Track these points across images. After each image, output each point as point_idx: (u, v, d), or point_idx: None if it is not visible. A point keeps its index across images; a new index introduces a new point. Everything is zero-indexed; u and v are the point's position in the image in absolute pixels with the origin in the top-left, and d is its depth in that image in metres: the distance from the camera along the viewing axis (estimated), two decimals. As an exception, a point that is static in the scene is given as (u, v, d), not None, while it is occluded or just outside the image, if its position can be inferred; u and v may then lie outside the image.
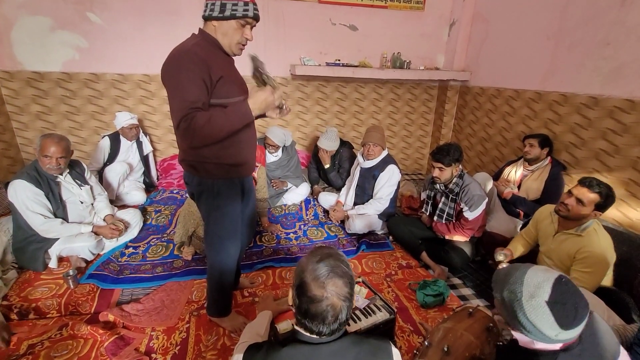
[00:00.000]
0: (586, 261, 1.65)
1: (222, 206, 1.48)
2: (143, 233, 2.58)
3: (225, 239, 1.54)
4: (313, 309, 0.86)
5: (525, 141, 2.61)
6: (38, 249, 2.07)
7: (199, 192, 1.48)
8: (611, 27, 2.31)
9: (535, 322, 0.89)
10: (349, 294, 0.89)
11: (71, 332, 1.64)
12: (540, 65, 2.88)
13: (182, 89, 1.22)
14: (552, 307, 0.87)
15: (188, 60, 1.22)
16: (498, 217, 2.60)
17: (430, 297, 1.95)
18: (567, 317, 0.87)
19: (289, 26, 3.52)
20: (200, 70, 1.23)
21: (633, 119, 2.20)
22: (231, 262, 1.61)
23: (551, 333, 0.88)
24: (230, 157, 1.42)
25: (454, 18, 3.82)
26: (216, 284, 1.64)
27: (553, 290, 0.89)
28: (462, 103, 3.99)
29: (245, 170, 1.54)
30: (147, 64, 3.33)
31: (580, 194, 1.68)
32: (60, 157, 2.04)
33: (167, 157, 3.70)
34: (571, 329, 0.87)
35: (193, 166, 1.43)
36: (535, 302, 0.89)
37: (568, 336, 0.89)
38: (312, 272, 0.88)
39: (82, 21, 3.07)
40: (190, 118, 1.22)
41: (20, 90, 3.15)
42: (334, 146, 3.19)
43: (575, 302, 0.88)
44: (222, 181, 1.45)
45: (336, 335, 0.91)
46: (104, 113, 3.41)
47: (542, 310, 0.88)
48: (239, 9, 1.27)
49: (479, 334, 1.30)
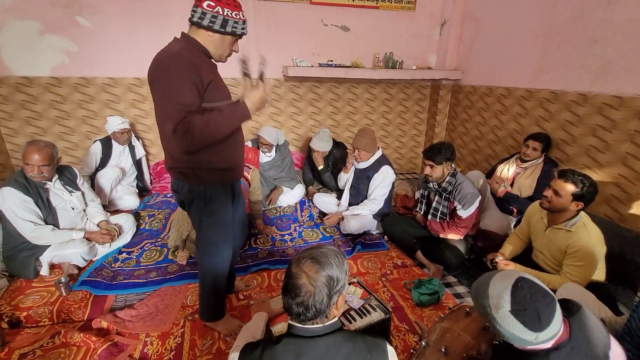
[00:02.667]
0: (577, 255, 1.67)
1: (215, 212, 1.47)
2: (137, 238, 2.56)
3: (218, 244, 1.53)
4: (288, 284, 0.92)
5: (528, 142, 2.57)
6: (29, 257, 2.04)
7: (190, 199, 1.46)
8: (598, 24, 2.34)
9: (510, 330, 0.90)
10: (324, 285, 0.90)
11: (64, 340, 1.62)
12: (531, 64, 2.91)
13: (175, 93, 1.21)
14: (516, 315, 0.88)
15: (178, 64, 1.22)
16: (492, 214, 2.62)
17: (425, 295, 1.95)
18: (532, 322, 0.87)
19: (281, 27, 3.52)
20: (191, 73, 1.23)
21: (621, 115, 2.23)
22: (224, 266, 1.60)
23: (529, 337, 0.88)
24: (221, 161, 1.41)
25: (445, 17, 3.85)
26: (210, 289, 1.63)
27: (512, 299, 0.90)
28: (454, 102, 4.01)
29: (236, 174, 1.54)
30: (138, 67, 3.30)
31: (556, 186, 1.70)
32: (43, 164, 1.97)
33: (160, 160, 3.67)
34: (545, 329, 0.87)
35: (183, 173, 1.40)
36: (501, 313, 0.90)
37: (548, 336, 0.88)
38: (299, 254, 0.96)
39: (71, 25, 3.04)
40: (187, 122, 1.22)
41: (9, 96, 3.10)
42: (327, 147, 3.19)
43: (534, 306, 0.88)
44: (214, 186, 1.44)
45: (327, 329, 0.92)
46: (95, 117, 3.38)
47: (510, 320, 0.89)
48: (238, 27, 1.35)
49: (476, 334, 1.30)
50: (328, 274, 0.91)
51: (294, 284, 0.91)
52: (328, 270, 0.91)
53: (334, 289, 0.92)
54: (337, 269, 0.93)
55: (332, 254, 0.95)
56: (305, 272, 0.91)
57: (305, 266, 0.92)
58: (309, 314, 0.90)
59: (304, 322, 0.92)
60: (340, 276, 0.94)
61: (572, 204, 1.69)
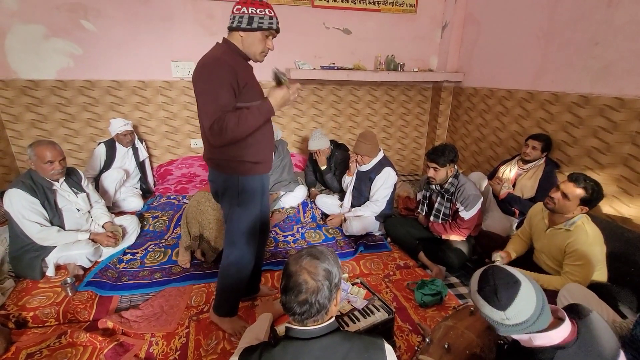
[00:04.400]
0: (576, 254, 1.68)
1: (245, 202, 1.55)
2: (141, 239, 2.57)
3: (245, 235, 1.60)
4: (288, 283, 0.93)
5: (528, 142, 2.59)
6: (35, 258, 2.06)
7: (224, 189, 1.56)
8: (599, 26, 2.36)
9: (482, 310, 0.97)
10: (324, 278, 0.92)
11: (70, 340, 1.64)
12: (532, 65, 2.93)
13: (215, 94, 1.34)
14: (480, 292, 0.98)
15: (219, 68, 1.34)
16: (494, 216, 2.62)
17: (428, 296, 1.96)
18: (490, 298, 0.95)
19: (283, 30, 3.46)
20: (229, 76, 1.35)
21: (623, 117, 2.24)
22: (248, 259, 1.65)
23: (497, 317, 0.94)
24: (251, 155, 1.50)
25: (446, 20, 3.87)
26: (231, 282, 1.67)
27: (480, 281, 1.00)
28: (456, 104, 4.03)
29: (265, 168, 1.61)
30: (142, 71, 3.34)
31: (566, 189, 1.71)
32: (62, 158, 2.09)
33: (163, 162, 3.69)
34: (507, 309, 0.92)
35: (219, 164, 1.52)
36: (474, 296, 1.00)
37: (518, 319, 0.92)
38: (296, 254, 0.99)
39: (76, 29, 3.08)
40: (222, 120, 1.34)
41: (15, 99, 3.14)
42: (323, 144, 3.16)
43: (494, 283, 0.95)
44: (246, 178, 1.53)
45: (325, 330, 0.93)
46: (100, 120, 3.41)
47: (476, 298, 0.98)
48: (265, 22, 1.42)
49: (480, 333, 1.31)
50: (327, 267, 0.94)
51: (295, 281, 0.91)
52: (326, 264, 0.95)
53: (333, 283, 0.94)
54: (333, 264, 0.97)
55: (326, 250, 1.00)
56: (306, 268, 0.92)
57: (304, 263, 0.94)
58: (312, 311, 0.91)
59: (306, 320, 0.92)
60: (337, 271, 0.97)
61: (577, 208, 1.70)
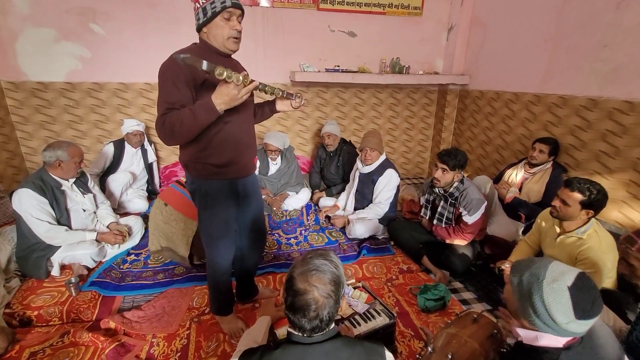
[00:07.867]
0: (588, 262, 1.64)
1: (211, 206, 1.52)
2: (145, 240, 2.59)
3: (215, 239, 1.57)
4: (297, 302, 0.89)
5: (535, 145, 2.55)
6: (41, 257, 2.09)
7: (192, 191, 1.54)
8: (607, 29, 2.32)
9: (551, 305, 0.91)
10: (332, 292, 0.90)
11: (73, 340, 1.65)
12: (539, 68, 2.89)
13: (166, 91, 1.29)
14: (572, 293, 0.90)
15: (174, 65, 1.28)
16: (499, 220, 2.58)
17: (431, 301, 1.94)
18: (584, 307, 0.89)
19: (288, 33, 3.56)
20: (183, 73, 1.27)
21: (632, 120, 2.20)
22: (223, 262, 1.63)
23: (562, 320, 0.89)
24: (214, 157, 1.43)
25: (452, 23, 3.85)
26: (212, 282, 1.70)
27: (576, 279, 0.92)
28: (461, 107, 3.99)
29: (235, 172, 1.51)
30: (149, 73, 3.37)
31: (563, 195, 1.69)
32: (83, 157, 2.23)
33: (169, 164, 3.73)
34: (583, 319, 0.89)
35: (186, 165, 1.49)
36: (556, 285, 0.91)
37: (576, 329, 0.90)
38: (300, 268, 0.93)
39: (85, 32, 3.13)
40: (166, 117, 1.28)
41: (25, 101, 3.20)
42: (336, 130, 3.31)
43: (594, 295, 0.91)
44: (211, 181, 1.48)
45: (327, 336, 0.92)
46: (107, 122, 3.46)
47: (562, 294, 0.90)
48: (217, 4, 1.29)
49: (483, 341, 1.28)
50: (334, 279, 0.92)
51: (305, 300, 0.88)
52: (332, 274, 0.92)
53: (340, 293, 0.93)
54: (340, 271, 0.95)
55: (331, 257, 0.97)
56: (316, 285, 0.89)
57: (313, 280, 0.90)
58: (322, 325, 0.90)
59: (316, 333, 0.91)
60: (343, 279, 0.95)
61: (581, 213, 1.67)
